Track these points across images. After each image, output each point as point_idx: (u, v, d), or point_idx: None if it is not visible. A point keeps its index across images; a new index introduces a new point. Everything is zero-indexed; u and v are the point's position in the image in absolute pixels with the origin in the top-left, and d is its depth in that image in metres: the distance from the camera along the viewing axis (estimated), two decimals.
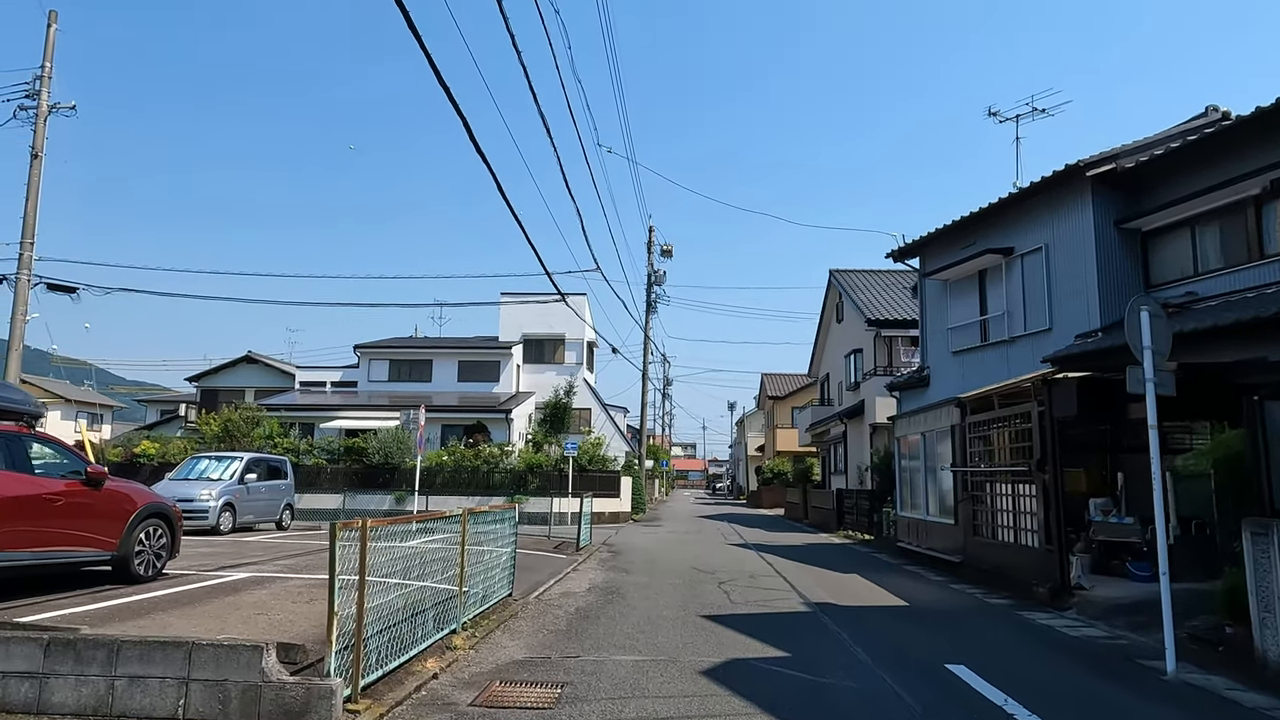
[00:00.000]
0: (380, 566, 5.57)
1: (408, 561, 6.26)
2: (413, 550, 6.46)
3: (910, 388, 17.55)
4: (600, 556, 14.96)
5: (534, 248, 14.18)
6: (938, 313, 16.89)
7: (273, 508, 17.64)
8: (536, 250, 14.67)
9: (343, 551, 4.79)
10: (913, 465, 16.22)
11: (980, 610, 9.64)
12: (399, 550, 6.07)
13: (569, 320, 36.15)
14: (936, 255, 16.76)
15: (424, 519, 6.60)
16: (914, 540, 15.57)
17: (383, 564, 5.65)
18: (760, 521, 29.87)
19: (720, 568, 13.39)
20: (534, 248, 14.18)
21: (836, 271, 30.73)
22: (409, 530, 6.45)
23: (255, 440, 26.54)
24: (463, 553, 7.19)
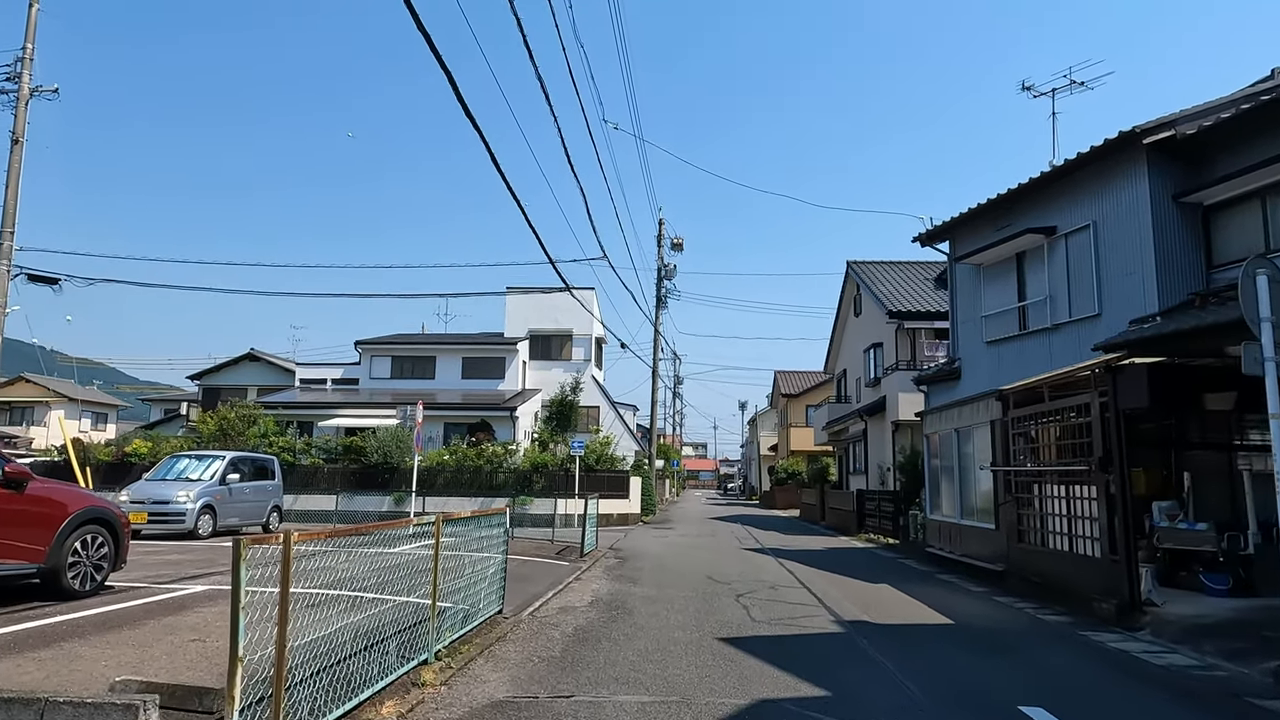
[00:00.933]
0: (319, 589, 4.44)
1: (361, 581, 5.14)
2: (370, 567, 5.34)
3: (939, 381, 16.31)
4: (606, 564, 13.82)
5: (533, 228, 13.07)
6: (970, 300, 15.65)
7: (258, 510, 16.59)
8: (536, 231, 13.56)
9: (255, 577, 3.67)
10: (944, 464, 15.00)
11: (1037, 630, 8.42)
12: (345, 569, 4.95)
13: (576, 315, 35.01)
14: (968, 238, 15.51)
15: (379, 529, 5.46)
16: (946, 545, 14.34)
17: (324, 586, 4.53)
18: (775, 523, 28.65)
19: (737, 576, 12.21)
20: (533, 228, 13.07)
21: (855, 263, 29.48)
22: (363, 542, 5.33)
23: (250, 439, 25.59)
24: (436, 567, 6.05)
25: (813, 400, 44.82)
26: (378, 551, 5.62)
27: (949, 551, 14.12)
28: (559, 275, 17.96)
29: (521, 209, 12.06)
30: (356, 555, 5.36)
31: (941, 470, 15.08)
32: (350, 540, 5.18)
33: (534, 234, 13.46)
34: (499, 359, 33.11)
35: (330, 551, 5.06)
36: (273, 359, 41.09)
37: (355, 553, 5.33)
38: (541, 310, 35.23)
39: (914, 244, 16.85)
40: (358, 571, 5.33)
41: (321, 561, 4.73)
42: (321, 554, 4.71)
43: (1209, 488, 10.68)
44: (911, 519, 17.37)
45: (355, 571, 5.30)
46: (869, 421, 24.26)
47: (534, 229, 13.08)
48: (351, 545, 5.33)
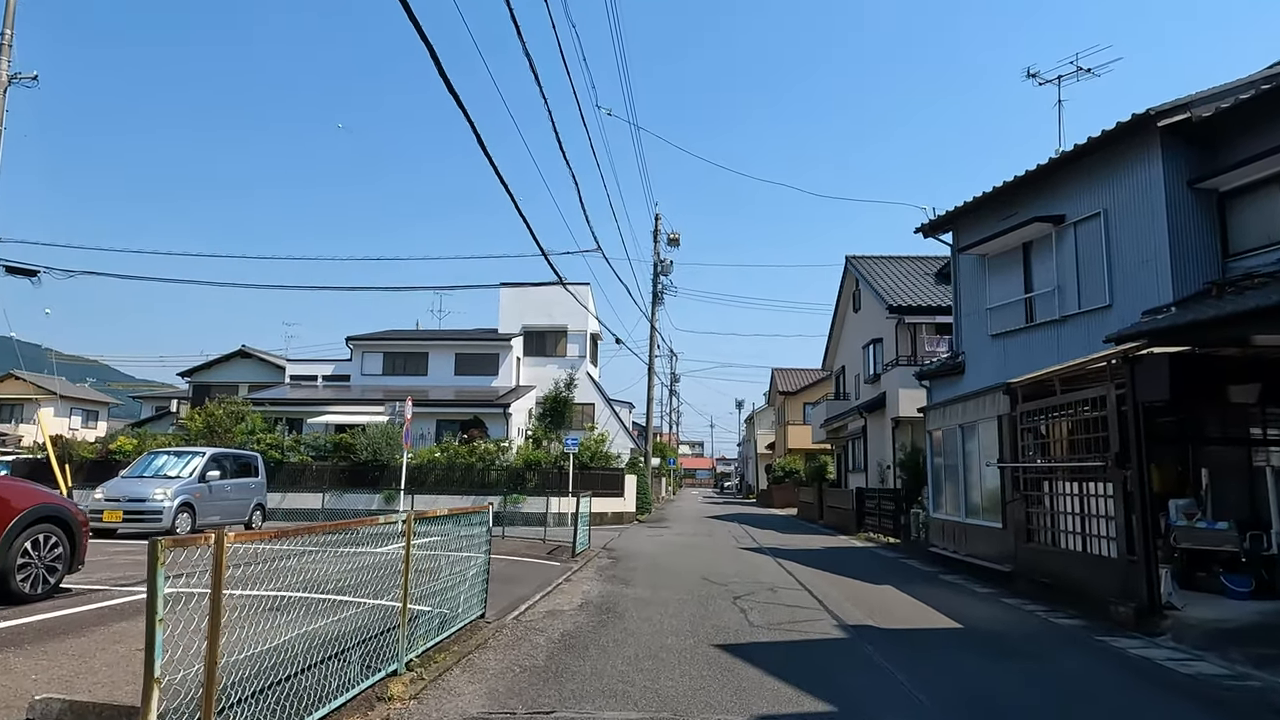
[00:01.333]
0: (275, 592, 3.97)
1: (321, 585, 4.66)
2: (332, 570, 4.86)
3: (942, 376, 15.85)
4: (598, 564, 13.34)
5: (522, 214, 12.57)
6: (974, 292, 15.19)
7: (240, 508, 16.08)
8: (525, 218, 13.09)
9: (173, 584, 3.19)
10: (947, 461, 14.54)
11: (1051, 635, 7.96)
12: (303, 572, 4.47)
13: (571, 311, 34.52)
14: (973, 228, 15.05)
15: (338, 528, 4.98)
16: (950, 545, 13.89)
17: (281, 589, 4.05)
18: (773, 522, 28.19)
19: (734, 577, 11.74)
20: (522, 214, 12.57)
21: (854, 258, 29.03)
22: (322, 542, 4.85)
23: (237, 435, 25.05)
24: (406, 570, 5.57)
25: (810, 398, 44.40)
26: (346, 552, 5.13)
27: (953, 551, 13.67)
28: (551, 268, 17.48)
29: (508, 190, 11.59)
30: (317, 556, 4.87)
31: (945, 467, 14.62)
32: (309, 539, 4.69)
33: (524, 221, 12.97)
34: (492, 355, 32.60)
35: (289, 552, 4.59)
36: (264, 355, 40.57)
37: (314, 554, 4.85)
38: (536, 306, 34.73)
39: (916, 235, 16.39)
40: (318, 574, 4.85)
41: (276, 564, 4.24)
42: (276, 555, 4.23)
43: (1228, 485, 10.23)
44: (913, 518, 16.92)
45: (315, 575, 4.82)
46: (869, 418, 23.81)
47: (523, 215, 12.59)
48: (311, 545, 4.84)
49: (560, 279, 18.27)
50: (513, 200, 11.95)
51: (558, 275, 17.99)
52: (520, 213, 12.61)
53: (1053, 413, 10.31)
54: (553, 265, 16.69)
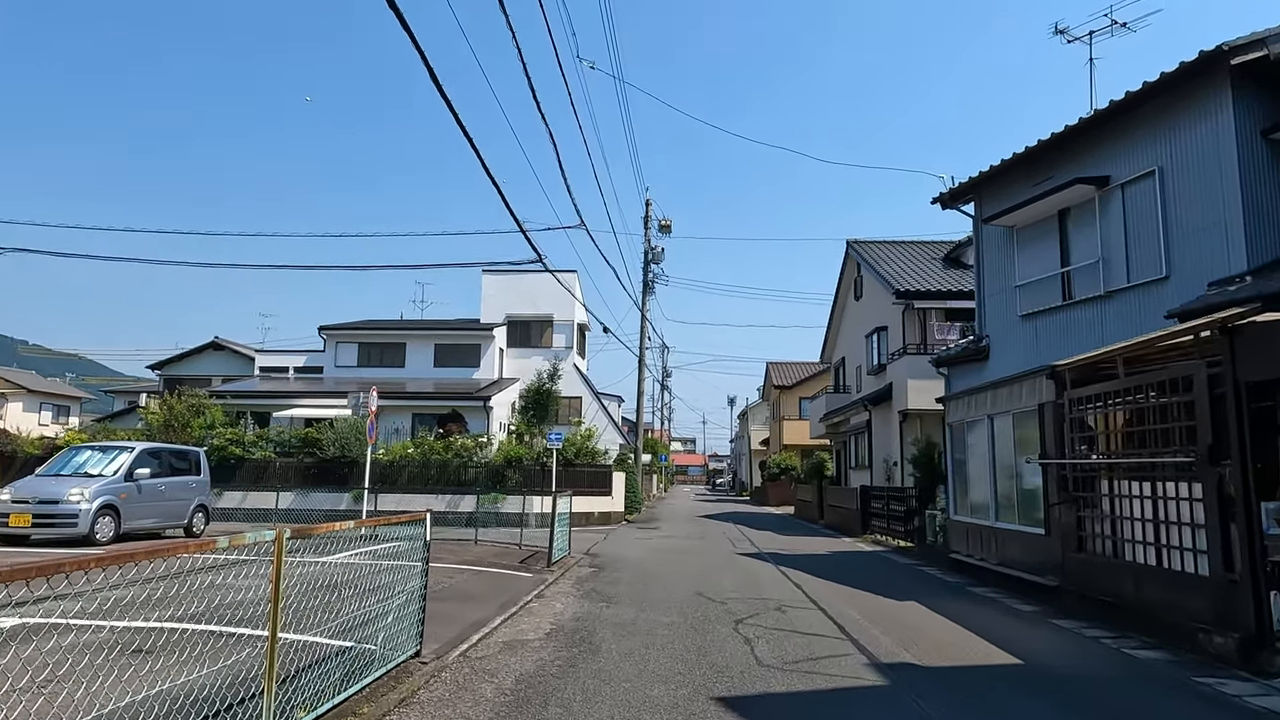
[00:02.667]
0: None
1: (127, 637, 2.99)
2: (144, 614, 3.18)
3: (963, 363, 14.24)
4: (578, 574, 11.67)
5: (488, 171, 10.87)
6: (1000, 268, 13.58)
7: (178, 510, 14.33)
8: (493, 175, 11.41)
9: None
10: (972, 457, 12.94)
11: (1138, 675, 6.34)
12: None
13: (558, 300, 32.79)
14: (999, 196, 13.44)
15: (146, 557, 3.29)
16: (976, 552, 12.29)
17: None
18: (769, 522, 26.60)
19: (732, 592, 10.10)
20: (488, 171, 10.87)
21: (855, 242, 27.43)
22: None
23: (195, 430, 23.27)
24: (275, 615, 3.89)
25: (807, 392, 42.84)
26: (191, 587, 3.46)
27: (980, 559, 12.07)
28: (528, 241, 15.84)
29: (470, 140, 9.90)
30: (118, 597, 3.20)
31: (969, 464, 13.02)
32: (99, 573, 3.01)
33: (492, 181, 11.28)
34: (474, 346, 30.86)
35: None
36: (238, 347, 38.76)
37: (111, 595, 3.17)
38: (520, 294, 33.03)
39: (925, 216, 14.75)
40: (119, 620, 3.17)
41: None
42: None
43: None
44: (929, 520, 15.33)
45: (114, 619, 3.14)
46: (873, 411, 22.22)
47: (490, 173, 10.89)
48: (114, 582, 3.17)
49: (539, 255, 16.59)
50: (475, 150, 10.27)
51: (536, 251, 16.36)
52: (486, 169, 10.91)
53: (1113, 399, 8.69)
54: (529, 239, 15.07)
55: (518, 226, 14.30)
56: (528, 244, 15.77)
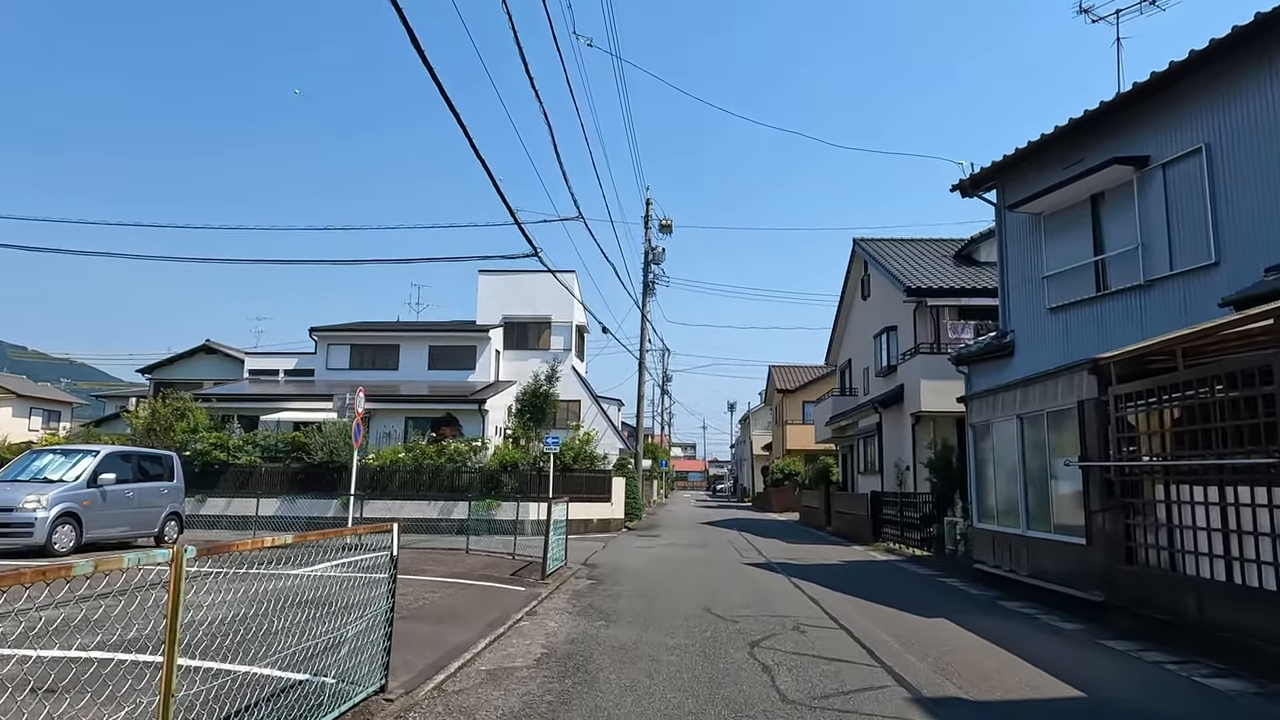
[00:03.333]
0: None
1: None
2: None
3: (986, 360, 13.37)
4: (574, 587, 10.77)
5: (485, 164, 10.03)
6: (1026, 259, 12.73)
7: (147, 518, 13.43)
8: (490, 170, 10.60)
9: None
10: (998, 460, 12.05)
11: (1224, 711, 5.45)
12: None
13: (556, 301, 31.98)
14: (1024, 181, 12.60)
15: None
16: (1005, 562, 11.39)
17: None
18: (774, 529, 25.68)
19: (744, 608, 9.21)
20: (485, 164, 10.03)
21: (863, 240, 26.61)
22: None
23: (179, 434, 22.39)
24: (170, 655, 2.99)
25: (810, 396, 41.96)
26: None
27: (1008, 570, 11.18)
28: (523, 233, 14.97)
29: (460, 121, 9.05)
30: None
31: (994, 467, 12.13)
32: None
33: (482, 164, 10.43)
34: (469, 348, 29.97)
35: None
36: (229, 351, 37.91)
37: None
38: (518, 295, 32.18)
39: (953, 193, 13.90)
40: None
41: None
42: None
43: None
44: (948, 527, 14.43)
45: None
46: (884, 414, 21.33)
47: (480, 155, 10.03)
48: None
49: (534, 247, 15.73)
50: (464, 131, 9.43)
51: (530, 243, 15.47)
52: (476, 151, 10.06)
53: (1170, 394, 7.82)
54: (522, 228, 14.19)
55: (510, 214, 13.48)
56: (523, 237, 14.94)
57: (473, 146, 9.50)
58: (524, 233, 15.02)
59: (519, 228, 14.36)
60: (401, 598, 8.79)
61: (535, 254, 16.16)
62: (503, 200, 12.35)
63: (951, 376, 19.12)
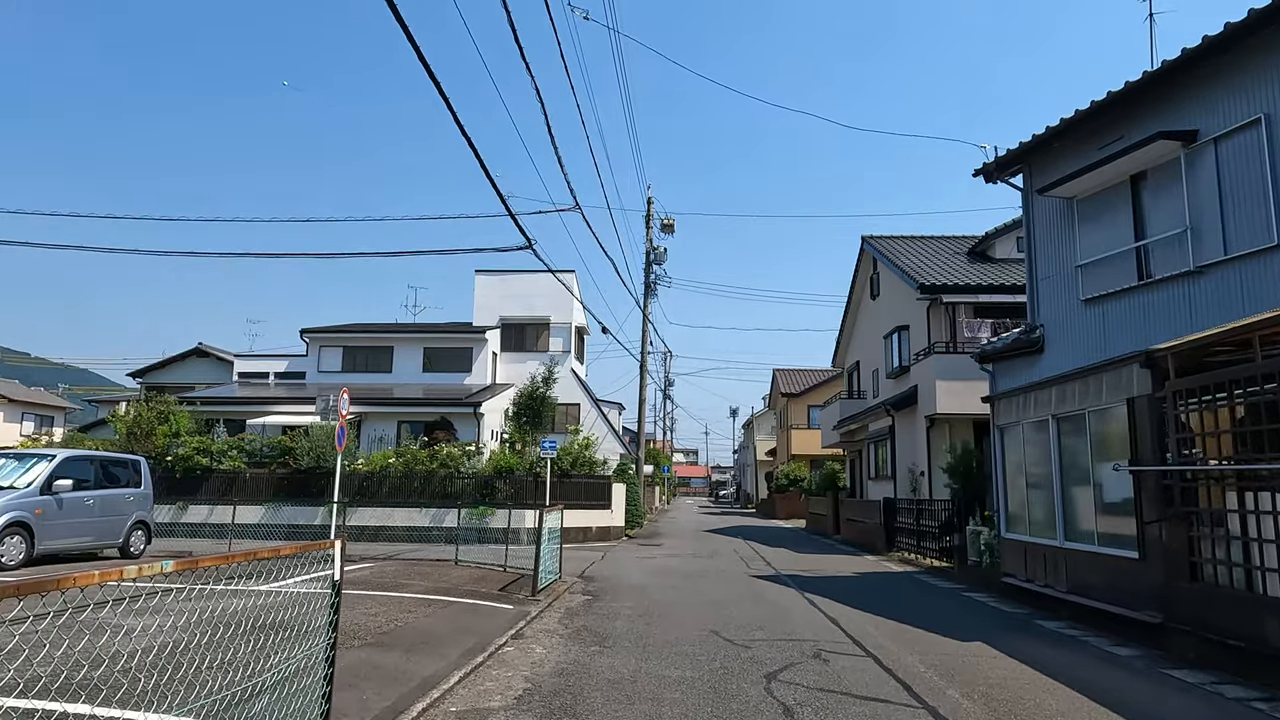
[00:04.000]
0: None
1: None
2: None
3: (1012, 357, 12.42)
4: (568, 604, 9.81)
5: (461, 128, 9.13)
6: (1056, 247, 11.79)
7: (110, 528, 12.49)
8: (475, 147, 9.73)
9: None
10: (1030, 464, 11.10)
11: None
12: None
13: (554, 302, 31.10)
14: (1054, 163, 11.66)
15: None
16: (1037, 576, 10.42)
17: None
18: (781, 537, 24.70)
19: (757, 630, 8.25)
20: (461, 128, 9.13)
21: (872, 238, 25.67)
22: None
23: (159, 439, 21.49)
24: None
25: (817, 400, 40.96)
26: None
27: (1044, 585, 10.21)
28: (515, 223, 14.21)
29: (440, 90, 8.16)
30: None
31: (1026, 473, 11.17)
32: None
33: (468, 142, 9.52)
34: (465, 350, 29.07)
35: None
36: (222, 354, 37.08)
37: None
38: (515, 295, 31.31)
39: (976, 179, 12.97)
40: None
41: None
42: None
43: None
44: (971, 537, 13.46)
45: None
46: (896, 417, 20.36)
47: (464, 130, 9.13)
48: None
49: (527, 239, 14.80)
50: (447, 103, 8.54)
51: (524, 234, 14.53)
52: (460, 126, 9.16)
53: (1246, 388, 6.86)
54: (515, 218, 13.27)
55: (501, 201, 12.59)
56: (516, 228, 14.06)
57: (454, 117, 8.59)
58: (516, 222, 14.20)
59: (511, 217, 13.45)
60: (373, 619, 7.86)
61: (529, 246, 15.24)
62: (492, 185, 11.43)
63: (969, 377, 18.17)
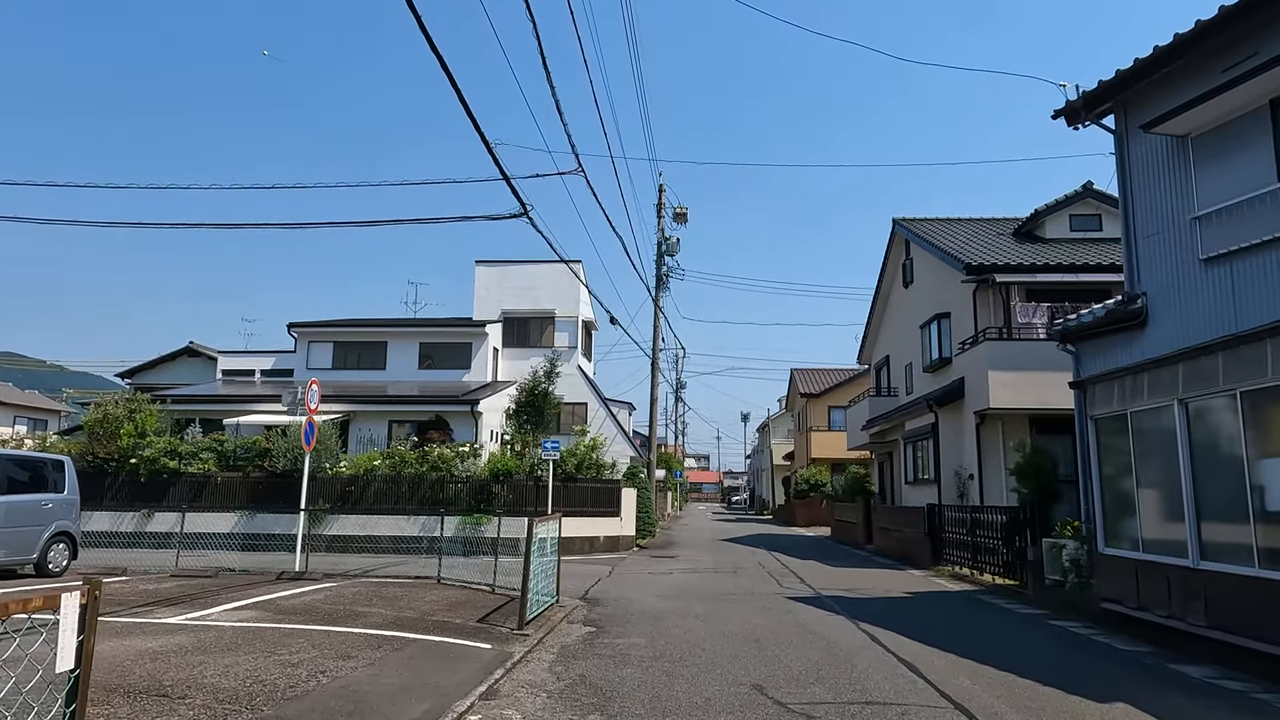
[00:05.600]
0: None
1: None
2: None
3: (1104, 334, 10.24)
4: (563, 641, 7.70)
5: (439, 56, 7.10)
6: (1162, 196, 9.61)
7: (23, 541, 10.48)
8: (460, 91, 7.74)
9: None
10: (1143, 461, 8.92)
11: None
12: None
13: (560, 294, 29.10)
14: (1161, 94, 9.50)
15: None
16: (1156, 604, 8.24)
17: None
18: (806, 547, 22.53)
19: (814, 684, 6.12)
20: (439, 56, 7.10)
21: (904, 220, 23.52)
22: None
23: (123, 439, 19.56)
24: None
25: (837, 400, 38.76)
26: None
27: (1166, 616, 8.03)
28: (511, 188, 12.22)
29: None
30: None
31: (1136, 473, 9.00)
32: None
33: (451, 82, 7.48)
34: (464, 345, 27.05)
35: None
36: (213, 353, 35.23)
37: None
38: (518, 287, 29.29)
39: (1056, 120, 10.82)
40: None
41: None
42: None
43: None
44: (1050, 551, 11.26)
45: None
46: (940, 414, 18.16)
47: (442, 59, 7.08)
48: None
49: (524, 205, 12.82)
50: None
51: (519, 198, 12.54)
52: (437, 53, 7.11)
53: None
54: (508, 178, 11.26)
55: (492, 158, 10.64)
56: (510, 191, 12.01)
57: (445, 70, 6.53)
58: (511, 185, 12.16)
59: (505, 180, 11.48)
60: (288, 672, 5.72)
61: (524, 213, 13.23)
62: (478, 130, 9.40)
63: (1025, 366, 16.01)
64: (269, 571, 12.40)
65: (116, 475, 19.38)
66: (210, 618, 7.84)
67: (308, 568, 12.54)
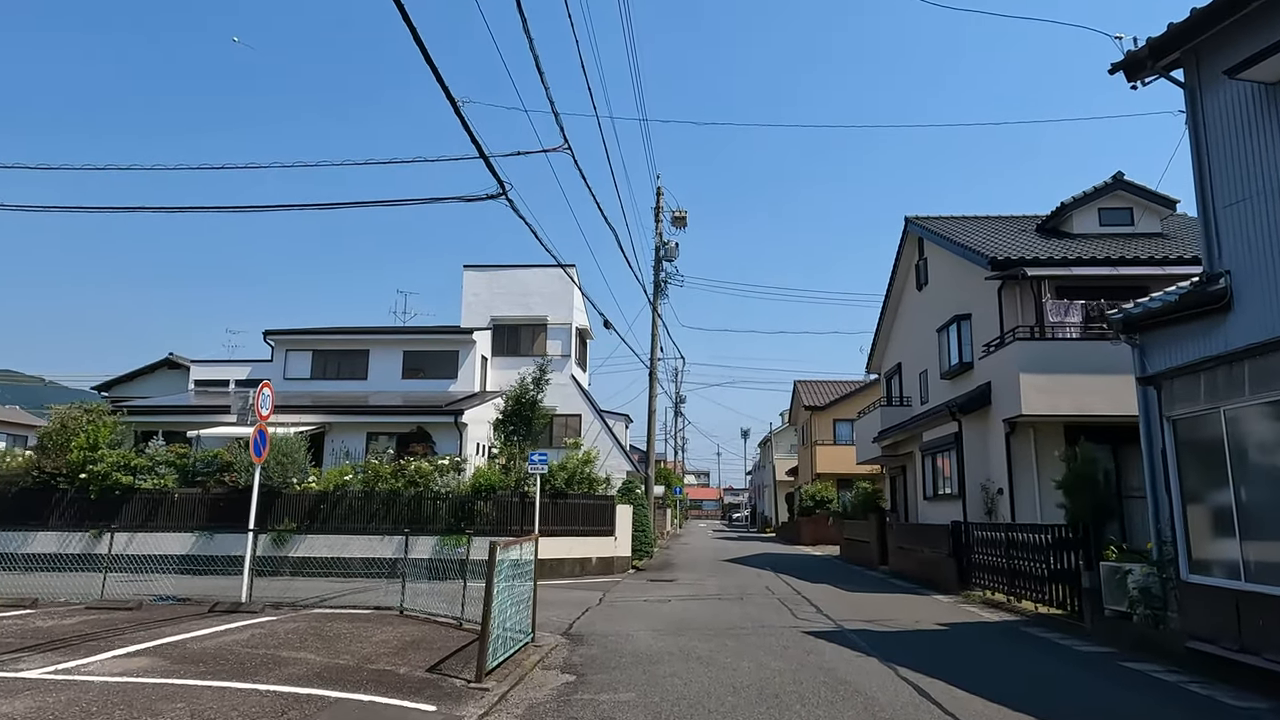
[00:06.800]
0: None
1: None
2: None
3: (1178, 321, 8.71)
4: (530, 699, 6.08)
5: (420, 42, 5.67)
6: (1246, 158, 8.12)
7: None
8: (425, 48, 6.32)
9: None
10: (1239, 471, 7.37)
11: None
12: None
13: (553, 300, 27.68)
14: (1244, 36, 8.04)
15: None
16: (1265, 645, 6.66)
17: None
18: (815, 568, 20.87)
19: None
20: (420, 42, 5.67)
21: (917, 219, 22.09)
22: None
23: (74, 452, 17.95)
24: None
25: (843, 413, 37.18)
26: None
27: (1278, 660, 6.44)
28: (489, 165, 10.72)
29: None
30: None
31: (1234, 485, 7.43)
32: None
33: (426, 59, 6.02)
34: (450, 353, 25.49)
35: None
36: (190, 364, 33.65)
37: None
38: (508, 292, 27.85)
39: (1113, 75, 9.37)
40: None
41: None
42: None
43: None
44: (1112, 577, 9.66)
45: None
46: (964, 422, 16.58)
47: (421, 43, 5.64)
48: None
49: (502, 185, 11.36)
50: None
51: (497, 177, 11.02)
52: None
53: None
54: (493, 169, 9.75)
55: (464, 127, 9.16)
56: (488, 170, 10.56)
57: None
58: (487, 162, 10.67)
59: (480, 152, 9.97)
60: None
61: (503, 193, 11.76)
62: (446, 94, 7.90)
63: (1062, 369, 14.48)
64: (206, 600, 10.80)
65: (65, 492, 17.77)
66: (87, 669, 6.25)
67: (252, 597, 10.91)
